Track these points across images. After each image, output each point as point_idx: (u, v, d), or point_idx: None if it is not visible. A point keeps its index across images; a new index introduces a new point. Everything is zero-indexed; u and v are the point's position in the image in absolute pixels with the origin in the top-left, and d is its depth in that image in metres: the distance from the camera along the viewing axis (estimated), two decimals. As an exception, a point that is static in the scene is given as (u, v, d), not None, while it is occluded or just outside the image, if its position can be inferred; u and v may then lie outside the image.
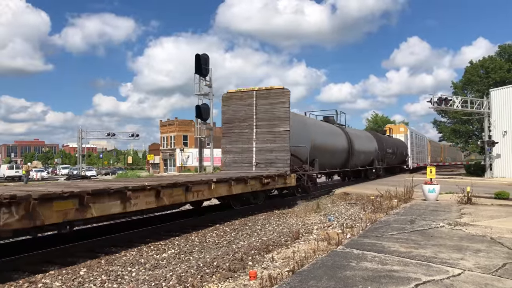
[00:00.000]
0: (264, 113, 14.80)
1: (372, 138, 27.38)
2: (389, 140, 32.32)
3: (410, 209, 11.47)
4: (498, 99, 28.92)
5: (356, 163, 23.37)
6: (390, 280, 4.78)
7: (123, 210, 7.18)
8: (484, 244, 6.83)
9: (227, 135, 15.54)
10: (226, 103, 15.58)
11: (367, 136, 27.36)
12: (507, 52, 41.57)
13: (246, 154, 15.02)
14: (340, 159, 21.05)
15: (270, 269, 5.88)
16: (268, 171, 13.74)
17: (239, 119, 15.24)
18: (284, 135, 14.51)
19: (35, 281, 5.59)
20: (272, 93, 14.89)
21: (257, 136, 14.90)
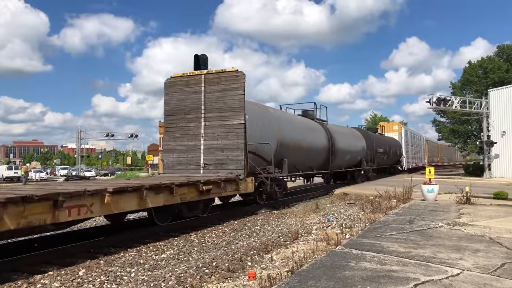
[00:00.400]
0: (214, 102, 12.17)
1: (359, 136, 24.65)
2: (381, 139, 29.66)
3: (409, 209, 11.48)
4: (496, 100, 28.96)
5: (340, 164, 20.95)
6: (389, 280, 4.79)
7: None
8: (483, 244, 6.84)
9: (170, 130, 12.78)
10: (169, 91, 12.82)
11: (354, 133, 24.44)
12: (506, 53, 41.66)
13: (192, 154, 12.34)
14: (319, 160, 18.18)
15: (269, 270, 5.88)
16: (217, 174, 11.41)
17: (184, 110, 12.53)
18: (238, 129, 11.77)
19: (34, 282, 5.59)
20: (223, 77, 12.10)
21: (206, 131, 12.25)
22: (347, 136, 22.48)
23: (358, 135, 24.69)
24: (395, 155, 33.37)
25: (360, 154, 23.70)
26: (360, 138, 24.46)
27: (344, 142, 21.04)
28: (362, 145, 24.07)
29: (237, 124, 11.80)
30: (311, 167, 17.40)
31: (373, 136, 27.87)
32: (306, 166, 16.91)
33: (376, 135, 29.44)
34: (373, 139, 26.41)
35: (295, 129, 15.89)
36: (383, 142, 29.42)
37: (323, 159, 18.56)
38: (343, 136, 21.41)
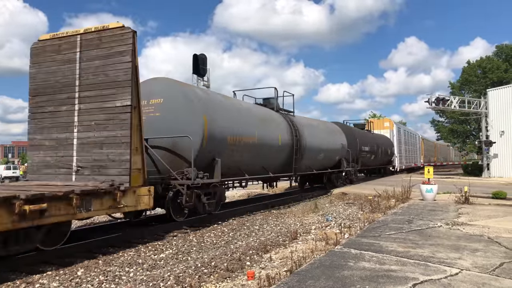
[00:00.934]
0: (93, 76, 8.28)
1: (338, 132, 20.59)
2: (368, 136, 26.21)
3: (408, 209, 11.49)
4: (495, 99, 29.00)
5: (310, 165, 16.78)
6: (388, 280, 4.79)
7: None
8: (481, 243, 6.85)
9: (37, 117, 8.79)
10: (36, 61, 8.88)
11: (329, 128, 19.91)
12: (505, 52, 41.74)
13: (63, 151, 8.37)
14: (278, 159, 14.03)
15: (268, 269, 5.88)
16: (85, 183, 7.55)
17: (54, 88, 8.60)
18: (122, 114, 7.87)
19: (32, 282, 5.57)
20: (105, 38, 8.25)
21: (81, 117, 8.29)
22: (320, 130, 18.19)
23: (335, 130, 20.51)
24: (385, 154, 30.01)
25: (338, 152, 19.76)
26: (339, 134, 20.39)
27: (315, 137, 16.92)
28: (341, 142, 20.14)
29: (122, 107, 7.88)
30: (266, 168, 13.18)
31: (358, 132, 24.43)
32: (257, 167, 12.82)
33: (362, 132, 25.98)
34: (357, 136, 23.18)
35: (236, 119, 11.57)
36: (371, 140, 26.14)
37: (284, 159, 14.40)
38: (314, 131, 17.23)
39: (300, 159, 15.23)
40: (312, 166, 17.07)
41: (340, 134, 20.59)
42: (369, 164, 26.66)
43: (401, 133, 36.56)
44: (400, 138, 35.54)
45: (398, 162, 34.42)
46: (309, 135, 16.27)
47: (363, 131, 26.63)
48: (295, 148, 14.73)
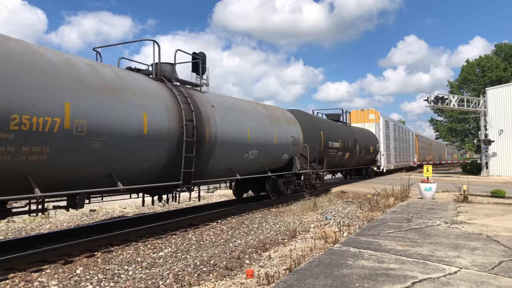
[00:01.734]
0: None
1: (289, 121, 15.02)
2: (340, 130, 20.84)
3: (406, 207, 11.51)
4: (494, 98, 29.03)
5: (232, 167, 11.28)
6: (387, 278, 4.79)
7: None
8: (480, 242, 6.86)
9: None
10: None
11: (273, 116, 13.96)
12: (503, 51, 41.77)
13: None
14: (145, 163, 8.40)
15: (267, 268, 5.88)
16: None
17: None
18: None
19: (31, 280, 5.57)
20: None
21: None
22: (252, 117, 12.31)
23: (283, 118, 14.70)
24: (367, 152, 25.17)
25: (288, 149, 14.30)
26: (290, 125, 14.94)
27: (239, 126, 11.37)
28: (293, 135, 14.80)
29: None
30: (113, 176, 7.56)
31: (324, 124, 18.97)
32: (84, 176, 7.16)
33: (331, 124, 20.35)
34: (321, 129, 17.78)
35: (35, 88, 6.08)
36: (344, 134, 20.94)
37: (161, 162, 8.76)
38: (238, 117, 11.56)
39: (204, 158, 9.80)
40: (236, 169, 11.33)
41: (293, 124, 15.10)
42: (342, 165, 21.38)
43: (390, 128, 31.94)
44: (388, 133, 31.05)
45: (385, 162, 29.72)
46: (226, 122, 10.72)
47: (334, 123, 20.97)
48: (189, 140, 9.06)
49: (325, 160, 18.22)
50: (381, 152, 28.87)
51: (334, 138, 19.18)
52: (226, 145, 10.67)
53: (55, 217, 11.37)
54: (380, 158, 29.10)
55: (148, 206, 13.19)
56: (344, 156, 21.10)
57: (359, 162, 24.63)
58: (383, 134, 29.42)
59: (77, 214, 12.02)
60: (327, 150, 18.32)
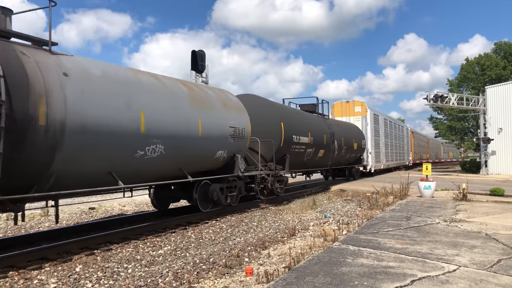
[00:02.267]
0: None
1: (231, 107, 11.40)
2: (312, 122, 17.19)
3: (406, 205, 11.52)
4: (493, 96, 29.04)
5: (123, 173, 7.75)
6: (386, 276, 4.80)
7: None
8: (479, 240, 6.87)
9: None
10: None
11: (195, 96, 10.10)
12: (503, 50, 41.78)
13: None
14: None
15: (266, 265, 5.89)
16: None
17: None
18: None
19: (31, 278, 5.57)
20: None
21: None
22: (143, 92, 8.34)
23: (213, 99, 10.76)
24: (350, 150, 21.53)
25: (222, 144, 10.61)
26: (228, 110, 11.13)
27: (114, 105, 7.50)
28: (236, 125, 11.15)
29: None
30: None
31: (285, 113, 14.89)
32: None
33: (299, 114, 16.80)
34: (282, 119, 13.82)
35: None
36: (318, 128, 17.35)
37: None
38: (114, 88, 7.65)
39: (36, 156, 6.24)
40: (123, 173, 7.75)
41: (235, 111, 11.32)
42: (314, 164, 17.64)
43: (380, 123, 28.48)
44: (377, 128, 27.67)
45: (373, 161, 26.02)
46: (95, 100, 7.07)
47: (303, 114, 17.34)
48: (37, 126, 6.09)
49: (287, 159, 14.21)
50: (368, 149, 25.27)
51: (301, 131, 15.33)
52: (94, 137, 6.94)
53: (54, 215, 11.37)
54: (367, 157, 25.48)
55: (147, 204, 13.21)
56: (317, 154, 17.14)
57: (339, 161, 20.75)
58: (371, 130, 25.96)
59: (76, 212, 12.02)
60: (290, 146, 14.41)
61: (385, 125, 30.11)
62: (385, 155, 29.85)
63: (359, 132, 24.00)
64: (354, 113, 25.95)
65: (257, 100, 14.10)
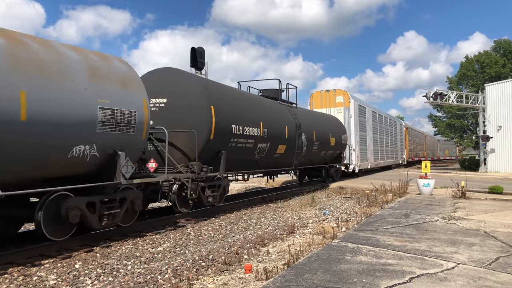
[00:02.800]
0: None
1: (97, 73, 7.08)
2: (267, 109, 13.48)
3: (404, 203, 11.54)
4: (493, 94, 29.04)
5: None
6: (385, 274, 4.81)
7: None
8: (478, 238, 6.88)
9: None
10: None
11: (14, 54, 5.75)
12: (503, 47, 41.78)
13: None
14: None
15: (265, 263, 5.90)
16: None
17: None
18: None
19: (30, 274, 5.58)
20: None
21: None
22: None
23: (73, 65, 6.72)
24: (325, 146, 17.74)
25: (82, 134, 6.67)
26: (105, 82, 7.20)
27: None
28: (113, 105, 7.18)
29: None
30: None
31: (224, 94, 11.37)
32: None
33: (243, 97, 12.77)
34: (212, 101, 10.21)
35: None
36: (277, 117, 13.67)
37: None
38: None
39: None
40: None
41: (122, 86, 7.61)
42: (270, 163, 13.51)
43: (367, 116, 25.38)
44: (363, 122, 24.49)
45: (358, 159, 22.58)
46: None
47: (256, 99, 13.59)
48: None
49: (222, 157, 10.44)
50: (351, 146, 21.94)
51: (248, 120, 11.43)
52: None
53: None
54: (351, 154, 22.01)
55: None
56: (275, 150, 13.15)
57: (311, 159, 16.95)
58: (355, 123, 22.55)
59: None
60: (229, 139, 10.68)
61: (373, 119, 26.92)
62: (374, 152, 26.49)
63: (338, 125, 20.40)
64: (335, 104, 22.61)
65: (178, 76, 10.27)
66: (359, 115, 23.53)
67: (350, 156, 22.08)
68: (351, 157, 22.11)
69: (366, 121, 24.96)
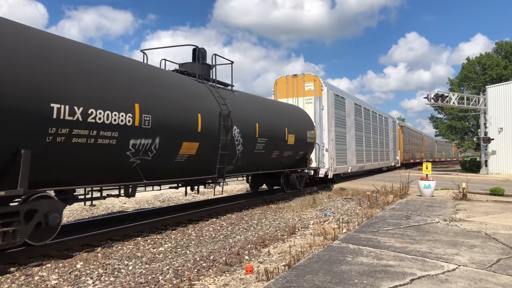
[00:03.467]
0: None
1: None
2: (161, 87, 8.47)
3: (405, 204, 11.53)
4: (494, 96, 29.04)
5: None
6: (386, 275, 4.82)
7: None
8: (479, 239, 6.88)
9: None
10: None
11: None
12: (504, 49, 41.74)
13: None
14: None
15: (266, 263, 5.91)
16: None
17: None
18: None
19: (32, 274, 5.59)
20: None
21: None
22: None
23: None
24: (281, 144, 13.37)
25: None
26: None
27: None
28: None
29: None
30: None
31: (54, 53, 6.31)
32: None
33: (132, 70, 8.03)
34: (29, 64, 5.71)
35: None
36: (190, 102, 9.27)
37: None
38: None
39: None
40: None
41: None
42: (172, 172, 9.12)
43: (347, 108, 20.94)
44: (342, 115, 20.06)
45: (333, 162, 18.00)
46: None
47: (144, 71, 8.49)
48: None
49: (24, 159, 5.69)
50: (323, 145, 17.58)
51: (104, 99, 6.89)
52: None
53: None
54: (322, 156, 17.55)
55: (148, 201, 13.24)
56: (175, 149, 8.73)
57: (255, 163, 12.27)
58: (330, 116, 18.11)
59: (77, 209, 12.04)
60: (41, 127, 5.92)
61: (357, 113, 22.50)
62: (357, 153, 22.30)
63: (302, 118, 15.57)
64: (304, 93, 18.03)
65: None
66: (336, 107, 19.15)
67: (322, 158, 17.60)
68: (323, 159, 17.60)
69: (346, 115, 20.64)
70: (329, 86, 18.89)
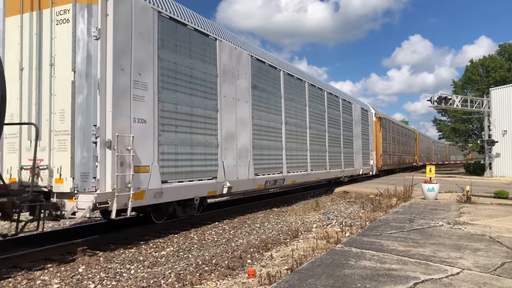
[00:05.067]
0: None
1: None
2: None
3: (409, 207, 11.47)
4: (498, 98, 28.91)
5: None
6: (389, 279, 4.78)
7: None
8: (483, 243, 6.83)
9: None
10: None
11: None
12: (508, 51, 41.59)
13: None
14: None
15: (269, 267, 5.88)
16: None
17: None
18: None
19: (34, 278, 5.59)
20: None
21: None
22: None
23: None
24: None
25: None
26: None
27: None
28: None
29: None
30: None
31: None
32: None
33: None
34: None
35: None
36: None
37: None
38: None
39: None
40: None
41: None
42: None
43: (236, 58, 10.81)
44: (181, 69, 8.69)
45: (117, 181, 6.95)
46: None
47: None
48: None
49: None
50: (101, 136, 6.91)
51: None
52: None
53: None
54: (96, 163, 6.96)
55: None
56: None
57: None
58: (119, 55, 7.06)
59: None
60: None
61: (265, 76, 12.28)
62: (255, 155, 11.39)
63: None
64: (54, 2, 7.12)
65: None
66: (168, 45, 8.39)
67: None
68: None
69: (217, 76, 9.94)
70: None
